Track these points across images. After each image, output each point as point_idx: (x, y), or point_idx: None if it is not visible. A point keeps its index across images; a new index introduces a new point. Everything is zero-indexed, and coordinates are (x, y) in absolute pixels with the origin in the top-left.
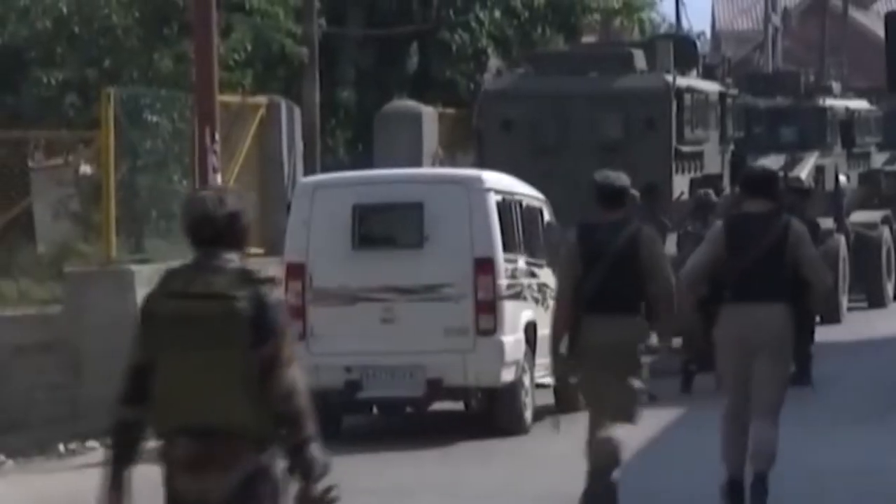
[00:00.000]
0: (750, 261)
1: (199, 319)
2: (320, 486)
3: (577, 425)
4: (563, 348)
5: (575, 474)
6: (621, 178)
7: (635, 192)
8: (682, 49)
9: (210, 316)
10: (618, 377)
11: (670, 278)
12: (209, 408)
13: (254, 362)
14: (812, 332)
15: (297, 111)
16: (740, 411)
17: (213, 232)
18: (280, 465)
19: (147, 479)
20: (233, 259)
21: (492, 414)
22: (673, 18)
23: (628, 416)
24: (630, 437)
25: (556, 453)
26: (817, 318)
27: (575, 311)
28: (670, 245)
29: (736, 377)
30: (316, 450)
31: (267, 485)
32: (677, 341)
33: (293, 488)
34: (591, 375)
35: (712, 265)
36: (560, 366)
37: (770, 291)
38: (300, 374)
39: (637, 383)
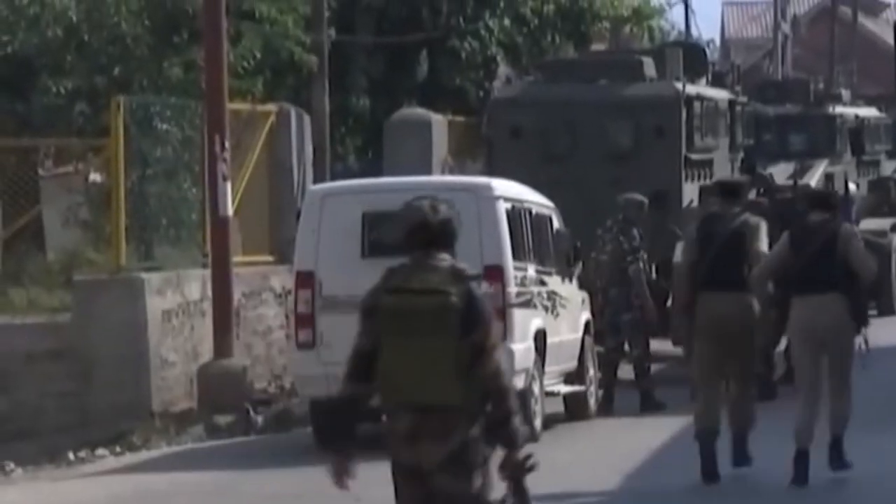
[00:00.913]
0: (808, 258)
1: (417, 311)
2: (522, 454)
3: (582, 435)
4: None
5: (584, 482)
6: (739, 178)
7: (643, 199)
8: (692, 57)
9: (427, 309)
10: (735, 345)
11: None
12: (426, 387)
13: (463, 348)
14: None
15: (306, 119)
16: (812, 391)
17: (429, 236)
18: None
19: (146, 490)
20: (445, 259)
21: None
22: (682, 26)
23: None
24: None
25: (565, 461)
26: None
27: (692, 288)
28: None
29: (808, 360)
30: (518, 422)
31: (476, 453)
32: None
33: (497, 456)
34: (708, 344)
35: (780, 266)
36: (681, 335)
37: (827, 283)
38: (503, 358)
39: (753, 345)
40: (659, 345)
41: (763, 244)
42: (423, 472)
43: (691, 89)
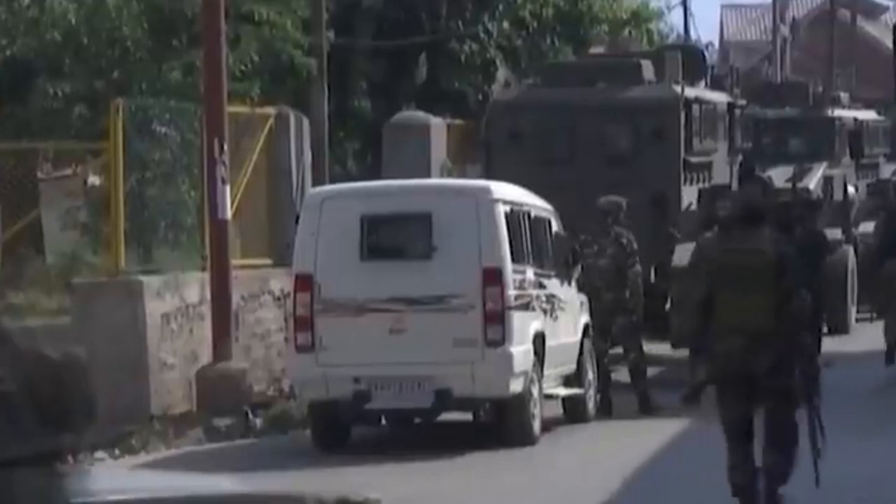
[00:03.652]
0: None
1: (746, 266)
2: (815, 366)
3: (581, 438)
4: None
5: (582, 485)
6: None
7: (622, 200)
8: (691, 60)
9: (753, 264)
10: None
11: None
12: (753, 319)
13: (777, 292)
14: (819, 344)
15: (305, 122)
16: None
17: (755, 214)
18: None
19: None
20: (764, 229)
21: (500, 425)
22: (681, 29)
23: None
24: None
25: (563, 464)
26: (825, 330)
27: (881, 262)
28: (680, 255)
29: None
30: (812, 347)
31: (786, 363)
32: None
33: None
34: None
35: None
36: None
37: None
38: (801, 302)
39: None
40: (656, 347)
41: None
42: (751, 378)
43: (690, 92)
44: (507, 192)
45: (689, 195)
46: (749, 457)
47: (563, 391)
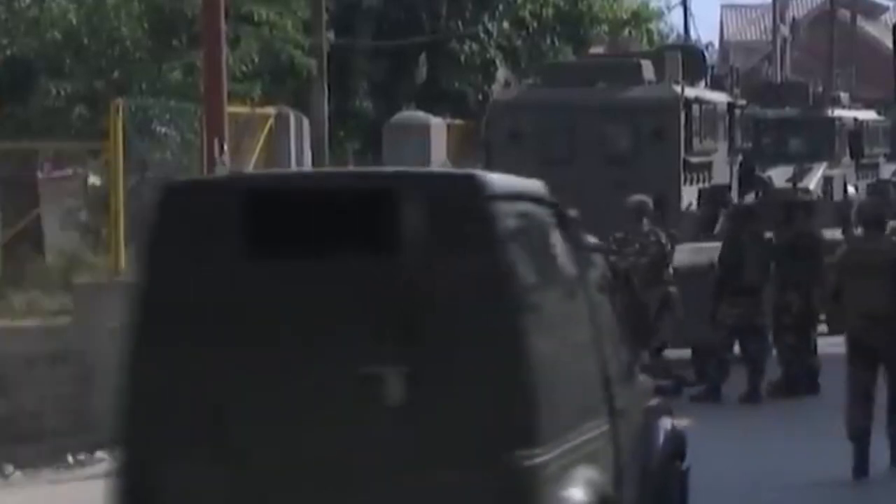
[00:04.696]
0: None
1: (872, 263)
2: None
3: None
4: None
5: None
6: None
7: (647, 199)
8: (691, 60)
9: (877, 261)
10: None
11: None
12: (877, 304)
13: (893, 283)
14: (815, 345)
15: (305, 122)
16: None
17: (879, 220)
18: None
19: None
20: (884, 232)
21: None
22: (681, 29)
23: None
24: None
25: None
26: (824, 329)
27: None
28: (681, 256)
29: None
30: None
31: None
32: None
33: None
34: None
35: None
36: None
37: None
38: None
39: None
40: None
41: None
42: (874, 350)
43: (690, 92)
44: None
45: (689, 195)
46: (866, 409)
47: None
